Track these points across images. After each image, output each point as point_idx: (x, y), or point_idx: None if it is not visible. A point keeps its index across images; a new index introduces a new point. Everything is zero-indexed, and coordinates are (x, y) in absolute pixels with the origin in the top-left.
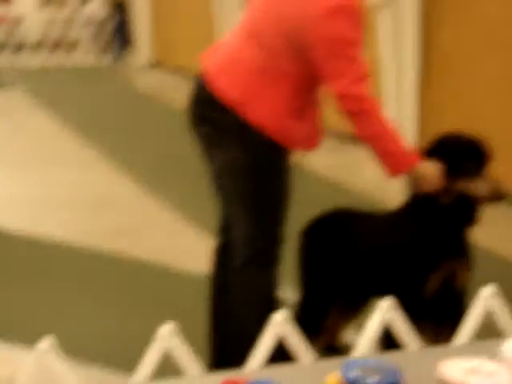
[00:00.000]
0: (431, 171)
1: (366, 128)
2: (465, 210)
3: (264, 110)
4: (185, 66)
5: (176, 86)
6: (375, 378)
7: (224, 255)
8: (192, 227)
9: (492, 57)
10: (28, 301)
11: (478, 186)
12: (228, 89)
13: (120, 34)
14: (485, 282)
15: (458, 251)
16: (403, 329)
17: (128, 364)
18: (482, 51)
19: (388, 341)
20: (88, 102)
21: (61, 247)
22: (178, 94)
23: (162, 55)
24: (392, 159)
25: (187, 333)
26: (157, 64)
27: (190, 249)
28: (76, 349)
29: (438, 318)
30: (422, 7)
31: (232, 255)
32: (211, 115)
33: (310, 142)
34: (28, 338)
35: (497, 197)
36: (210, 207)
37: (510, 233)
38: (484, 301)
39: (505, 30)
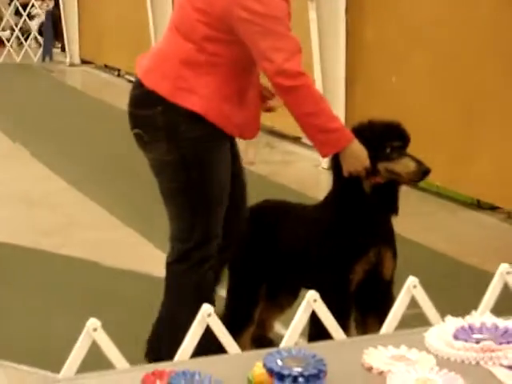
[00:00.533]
0: (362, 150)
1: (303, 104)
2: (388, 196)
3: (197, 98)
4: (114, 64)
5: (105, 83)
6: (299, 368)
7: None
8: (123, 224)
9: (415, 53)
10: None
11: (402, 165)
12: (158, 83)
13: (51, 31)
14: (408, 271)
15: (382, 239)
16: (328, 319)
17: (58, 361)
18: (405, 48)
19: (315, 332)
20: (16, 100)
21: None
22: (107, 90)
23: (90, 53)
24: (328, 136)
25: (118, 327)
26: (85, 61)
27: (121, 245)
28: (3, 348)
29: (365, 308)
30: (346, 4)
31: (169, 252)
32: (141, 115)
33: (247, 128)
34: None
35: (421, 174)
36: (142, 204)
37: (430, 222)
38: (408, 290)
39: (427, 27)
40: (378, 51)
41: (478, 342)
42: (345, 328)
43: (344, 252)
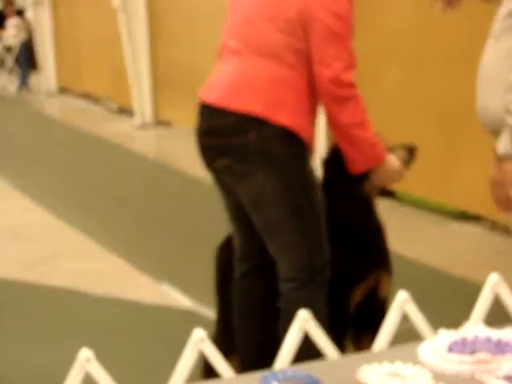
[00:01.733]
0: (396, 165)
1: (353, 115)
2: None
3: (288, 114)
4: (91, 92)
5: (83, 111)
6: None
7: (251, 282)
8: (108, 252)
9: (389, 66)
10: None
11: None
12: (249, 105)
13: (26, 61)
14: (398, 286)
15: (382, 261)
16: (322, 339)
17: None
18: (379, 61)
19: (307, 352)
20: None
21: None
22: (85, 118)
23: (68, 81)
24: (369, 149)
25: (110, 356)
26: (63, 90)
27: (108, 273)
28: None
29: (360, 325)
30: None
31: (279, 284)
32: (231, 144)
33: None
34: None
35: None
36: (126, 231)
37: (417, 236)
38: (399, 305)
39: (402, 41)
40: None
41: (472, 354)
42: (342, 348)
43: (347, 278)
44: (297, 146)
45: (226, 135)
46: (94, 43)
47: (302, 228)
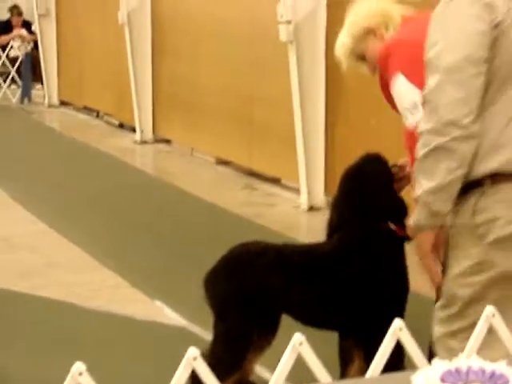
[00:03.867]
0: None
1: None
2: None
3: None
4: (92, 106)
5: (83, 124)
6: None
7: None
8: (102, 265)
9: None
10: None
11: None
12: None
13: (29, 72)
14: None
15: None
16: (315, 364)
17: None
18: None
19: None
20: None
21: None
22: (85, 132)
23: (70, 94)
24: None
25: (100, 370)
26: (65, 103)
27: (100, 286)
28: None
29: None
30: (327, 46)
31: None
32: None
33: None
34: None
35: None
36: (120, 245)
37: None
38: (394, 333)
39: None
40: (358, 94)
41: None
42: None
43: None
44: None
45: None
46: (97, 57)
47: None
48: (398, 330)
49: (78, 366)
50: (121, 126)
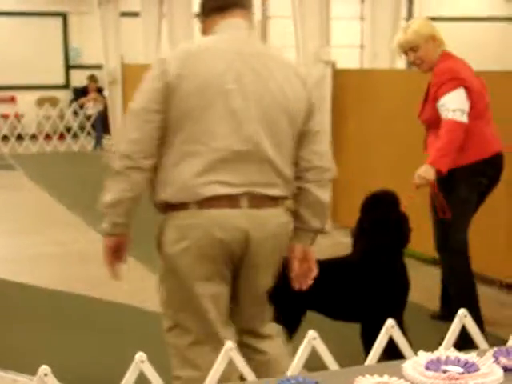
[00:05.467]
0: None
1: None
2: None
3: None
4: None
5: None
6: None
7: None
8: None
9: (384, 142)
10: (25, 337)
11: None
12: None
13: (101, 126)
14: None
15: None
16: (327, 355)
17: None
18: (378, 138)
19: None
20: (75, 180)
21: (53, 294)
22: None
23: None
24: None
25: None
26: None
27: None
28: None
29: None
30: (332, 105)
31: None
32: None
33: None
34: (25, 368)
35: None
36: None
37: None
38: (387, 330)
39: (394, 121)
40: (357, 141)
41: (444, 372)
42: None
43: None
44: None
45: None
46: None
47: None
48: (390, 328)
49: (141, 355)
50: None
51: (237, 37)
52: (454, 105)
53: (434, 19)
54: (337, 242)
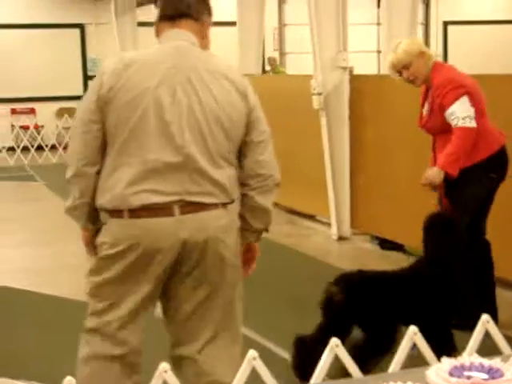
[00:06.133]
0: None
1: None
2: None
3: None
4: None
5: None
6: None
7: None
8: None
9: (402, 148)
10: (46, 347)
11: None
12: None
13: None
14: None
15: None
16: (350, 364)
17: None
18: (396, 143)
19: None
20: None
21: (74, 304)
22: None
23: None
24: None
25: None
26: None
27: None
28: None
29: None
30: (350, 111)
31: None
32: None
33: None
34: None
35: None
36: None
37: None
38: (410, 337)
39: (412, 127)
40: (374, 149)
41: (469, 378)
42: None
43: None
44: None
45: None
46: None
47: None
48: (413, 335)
49: (166, 365)
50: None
51: (177, 49)
52: (462, 113)
53: (450, 23)
54: (356, 248)
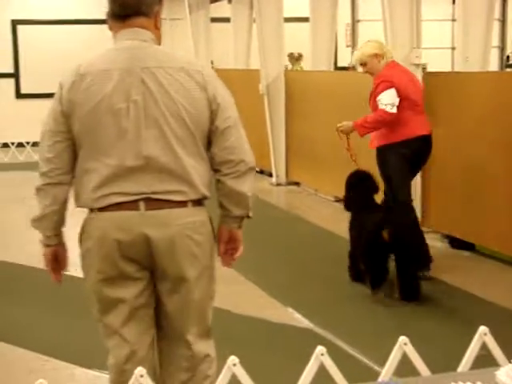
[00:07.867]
0: None
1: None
2: None
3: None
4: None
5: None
6: None
7: None
8: (245, 279)
9: (478, 144)
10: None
11: None
12: None
13: None
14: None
15: None
16: (416, 358)
17: None
18: (470, 140)
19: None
20: None
21: None
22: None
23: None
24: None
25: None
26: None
27: (243, 296)
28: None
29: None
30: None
31: None
32: None
33: None
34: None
35: None
36: (261, 265)
37: (492, 282)
38: (479, 337)
39: (486, 124)
40: (449, 144)
41: None
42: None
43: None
44: None
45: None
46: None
47: None
48: (483, 335)
49: (232, 359)
50: (261, 172)
51: (129, 50)
52: (386, 100)
53: None
54: (429, 246)
